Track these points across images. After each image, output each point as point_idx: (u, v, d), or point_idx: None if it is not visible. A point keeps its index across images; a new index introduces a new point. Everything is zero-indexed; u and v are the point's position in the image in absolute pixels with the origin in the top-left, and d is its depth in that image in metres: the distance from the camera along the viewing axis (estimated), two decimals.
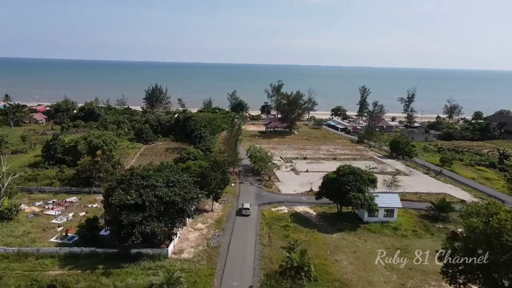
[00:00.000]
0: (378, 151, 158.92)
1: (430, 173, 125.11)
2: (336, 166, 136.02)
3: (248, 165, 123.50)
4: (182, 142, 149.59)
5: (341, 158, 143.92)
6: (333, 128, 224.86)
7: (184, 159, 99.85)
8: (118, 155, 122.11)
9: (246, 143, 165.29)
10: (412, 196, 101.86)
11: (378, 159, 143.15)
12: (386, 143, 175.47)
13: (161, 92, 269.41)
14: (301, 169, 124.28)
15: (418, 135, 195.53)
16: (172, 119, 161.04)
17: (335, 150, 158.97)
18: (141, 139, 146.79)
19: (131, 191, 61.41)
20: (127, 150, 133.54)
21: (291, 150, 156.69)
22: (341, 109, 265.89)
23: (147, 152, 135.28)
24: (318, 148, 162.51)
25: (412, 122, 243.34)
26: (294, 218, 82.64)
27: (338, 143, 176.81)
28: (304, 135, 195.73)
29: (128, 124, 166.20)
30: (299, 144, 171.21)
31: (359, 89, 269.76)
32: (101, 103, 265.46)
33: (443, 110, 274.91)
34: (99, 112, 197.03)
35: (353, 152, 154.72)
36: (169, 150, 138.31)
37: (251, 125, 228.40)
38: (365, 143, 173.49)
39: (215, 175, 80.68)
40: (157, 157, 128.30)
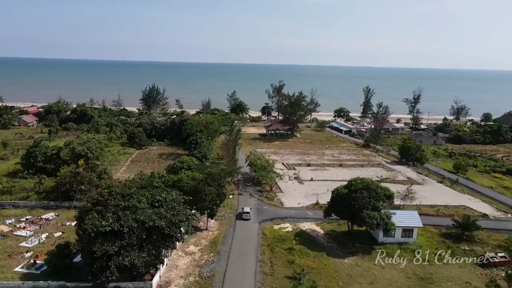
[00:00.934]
0: (386, 157, 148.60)
1: (444, 181, 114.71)
2: (342, 173, 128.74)
3: (247, 173, 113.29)
4: (178, 147, 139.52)
5: (347, 164, 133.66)
6: (337, 130, 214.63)
7: (177, 169, 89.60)
8: (107, 162, 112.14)
9: (246, 147, 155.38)
10: (429, 209, 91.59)
11: (387, 166, 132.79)
12: (393, 147, 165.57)
13: (158, 93, 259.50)
14: (305, 178, 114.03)
15: (427, 138, 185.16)
16: (167, 122, 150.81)
17: (341, 155, 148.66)
18: (134, 143, 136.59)
19: (107, 214, 51.21)
20: (117, 156, 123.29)
21: (294, 155, 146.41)
22: (344, 111, 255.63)
23: (139, 158, 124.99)
24: (322, 153, 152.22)
25: (418, 124, 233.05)
26: (300, 238, 72.23)
27: (343, 147, 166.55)
28: (306, 138, 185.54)
29: (120, 127, 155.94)
30: (302, 148, 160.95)
31: (363, 89, 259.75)
32: (96, 104, 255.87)
33: (450, 111, 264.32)
34: (92, 114, 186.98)
35: (359, 158, 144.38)
36: (163, 156, 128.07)
37: (251, 127, 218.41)
38: (371, 147, 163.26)
39: (210, 190, 70.44)
40: (149, 165, 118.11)
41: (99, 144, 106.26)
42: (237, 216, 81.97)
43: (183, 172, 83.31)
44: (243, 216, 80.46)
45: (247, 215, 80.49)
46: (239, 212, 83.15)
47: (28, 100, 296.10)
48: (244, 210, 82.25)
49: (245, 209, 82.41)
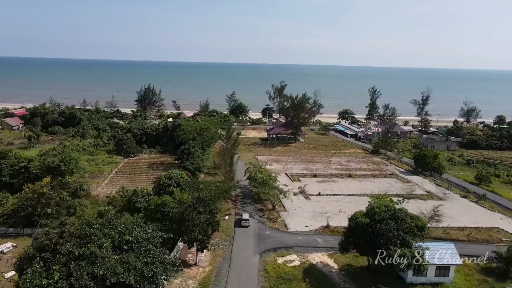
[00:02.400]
0: (398, 165, 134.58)
1: (469, 196, 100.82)
2: (353, 186, 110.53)
3: (247, 187, 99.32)
4: (171, 155, 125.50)
5: (357, 174, 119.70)
6: (341, 133, 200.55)
7: (164, 186, 75.83)
8: (88, 174, 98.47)
9: (245, 154, 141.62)
10: (458, 233, 77.75)
11: (401, 177, 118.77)
12: (405, 154, 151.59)
13: (154, 94, 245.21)
14: (312, 192, 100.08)
15: (439, 143, 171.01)
16: (159, 127, 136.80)
17: (349, 163, 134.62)
18: (122, 151, 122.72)
19: (54, 267, 37.47)
20: (101, 166, 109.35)
21: (298, 163, 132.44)
22: (349, 112, 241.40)
23: (125, 169, 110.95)
24: (328, 160, 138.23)
25: (428, 127, 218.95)
26: (310, 278, 58.33)
27: (350, 153, 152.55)
28: (310, 142, 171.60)
29: (109, 132, 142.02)
30: (306, 154, 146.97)
31: (369, 90, 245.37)
32: (89, 106, 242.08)
33: (459, 113, 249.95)
34: (81, 117, 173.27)
35: (370, 167, 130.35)
36: (153, 166, 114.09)
37: (251, 130, 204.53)
38: (381, 154, 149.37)
39: (200, 219, 56.66)
40: (136, 176, 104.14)
41: (75, 154, 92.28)
42: (235, 224, 77.86)
43: (168, 194, 69.34)
44: (242, 223, 76.96)
45: (246, 222, 77.12)
46: (238, 219, 79.42)
47: (19, 100, 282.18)
48: (243, 217, 78.58)
49: (244, 216, 78.83)
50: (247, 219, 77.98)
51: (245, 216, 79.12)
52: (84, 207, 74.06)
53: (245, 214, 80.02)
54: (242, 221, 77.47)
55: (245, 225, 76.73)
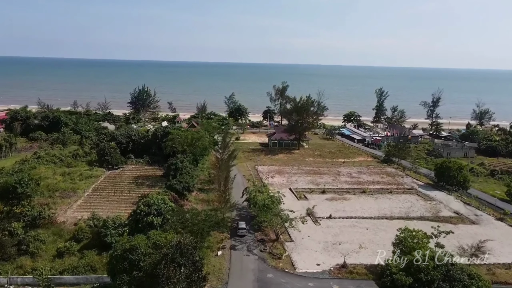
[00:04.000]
0: (415, 176, 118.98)
1: (506, 219, 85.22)
2: (368, 205, 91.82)
3: (245, 208, 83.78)
4: (160, 166, 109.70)
5: (371, 189, 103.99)
6: (348, 138, 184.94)
7: (141, 216, 60.23)
8: (58, 193, 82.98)
9: (244, 164, 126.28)
10: (506, 274, 62.09)
11: (422, 193, 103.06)
12: (420, 163, 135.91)
13: (149, 95, 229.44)
14: (322, 213, 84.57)
15: (456, 150, 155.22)
16: (148, 134, 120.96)
17: (360, 175, 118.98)
18: (104, 162, 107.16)
19: None
20: (78, 181, 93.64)
21: (303, 175, 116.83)
22: (355, 115, 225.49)
23: (105, 185, 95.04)
24: (337, 171, 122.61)
25: (439, 130, 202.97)
26: None
27: (360, 161, 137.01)
28: (315, 148, 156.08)
29: (92, 140, 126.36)
30: (311, 164, 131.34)
31: (375, 91, 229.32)
32: (80, 108, 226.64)
33: (471, 115, 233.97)
34: (66, 121, 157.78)
35: (384, 179, 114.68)
36: (138, 181, 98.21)
37: (251, 134, 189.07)
38: (394, 163, 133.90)
39: (178, 274, 41.15)
40: (116, 195, 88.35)
41: (38, 172, 76.66)
42: (231, 234, 71.64)
43: (147, 226, 53.68)
44: (238, 232, 71.95)
45: (242, 231, 72.10)
46: (233, 227, 73.35)
47: (8, 101, 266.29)
48: (240, 225, 73.15)
49: (240, 225, 73.30)
50: (244, 228, 72.52)
51: (241, 225, 73.39)
52: (40, 243, 58.65)
53: (241, 223, 74.11)
54: (238, 230, 72.24)
55: (241, 235, 71.52)
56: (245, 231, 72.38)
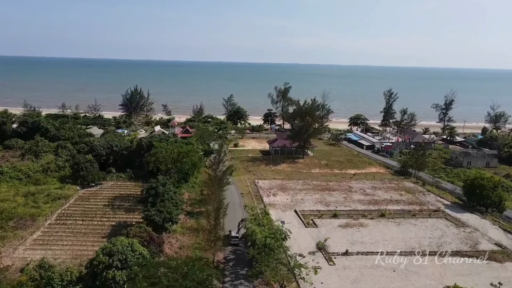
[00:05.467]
0: (439, 193, 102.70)
1: None
2: (390, 234, 75.08)
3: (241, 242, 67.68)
4: (144, 182, 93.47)
5: (391, 211, 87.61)
6: (355, 144, 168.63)
7: (100, 270, 44.16)
8: (12, 222, 66.83)
9: (242, 177, 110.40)
10: None
11: (450, 215, 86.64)
12: (440, 174, 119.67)
13: (142, 97, 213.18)
14: (335, 246, 68.35)
15: (477, 158, 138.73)
16: (132, 145, 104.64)
17: (375, 191, 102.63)
18: (79, 178, 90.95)
19: None
20: (42, 204, 77.40)
21: (310, 191, 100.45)
22: (361, 118, 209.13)
23: (75, 209, 78.25)
24: (348, 186, 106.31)
25: (453, 135, 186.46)
26: None
27: (372, 173, 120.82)
28: (321, 157, 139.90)
29: (68, 151, 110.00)
30: (318, 177, 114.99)
31: (384, 93, 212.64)
32: (68, 110, 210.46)
33: (486, 118, 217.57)
34: (47, 127, 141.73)
35: (404, 197, 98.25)
36: (116, 203, 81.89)
37: (251, 139, 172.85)
38: (411, 175, 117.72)
39: None
40: (85, 224, 71.92)
41: None
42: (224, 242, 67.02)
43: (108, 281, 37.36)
44: (231, 241, 68.32)
45: (235, 239, 68.31)
46: (226, 235, 69.44)
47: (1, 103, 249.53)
48: (232, 234, 69.17)
49: (233, 233, 69.29)
50: (237, 236, 68.17)
51: (234, 233, 69.07)
52: None
53: (234, 231, 69.53)
54: (231, 238, 68.22)
55: (234, 243, 67.73)
56: (237, 239, 67.77)
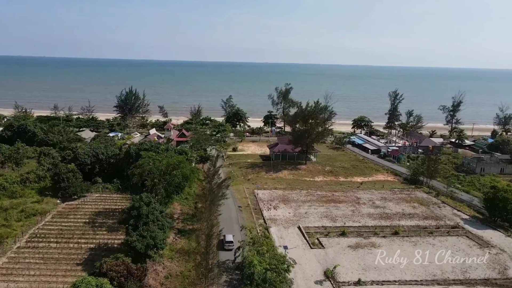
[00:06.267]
0: (456, 205, 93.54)
1: None
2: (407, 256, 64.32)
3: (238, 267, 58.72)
4: (133, 193, 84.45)
5: (405, 227, 78.43)
6: (360, 148, 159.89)
7: None
8: None
9: (240, 186, 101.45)
10: None
11: (470, 232, 77.49)
12: (453, 182, 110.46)
13: (137, 98, 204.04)
14: (346, 274, 59.21)
15: (491, 165, 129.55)
16: (120, 153, 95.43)
17: (385, 202, 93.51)
18: (60, 190, 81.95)
19: None
20: (13, 222, 68.24)
21: (314, 203, 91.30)
22: (365, 120, 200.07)
23: (49, 229, 68.55)
24: (355, 197, 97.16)
25: (462, 138, 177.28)
26: None
27: (380, 181, 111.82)
28: (325, 162, 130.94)
29: (52, 158, 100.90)
30: (323, 186, 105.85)
31: (389, 94, 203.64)
32: (61, 112, 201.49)
33: (494, 120, 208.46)
34: (34, 131, 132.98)
35: (417, 210, 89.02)
36: (98, 219, 72.75)
37: (250, 143, 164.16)
38: (423, 183, 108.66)
39: None
40: (59, 247, 62.78)
41: None
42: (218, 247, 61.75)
43: None
44: (225, 246, 64.60)
45: (230, 245, 64.82)
46: (220, 240, 64.60)
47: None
48: (227, 239, 65.88)
49: (227, 238, 66.11)
50: (231, 241, 65.44)
51: (228, 237, 66.37)
52: None
53: (228, 236, 66.97)
54: (225, 244, 65.23)
55: (228, 249, 64.62)
56: (232, 244, 64.80)
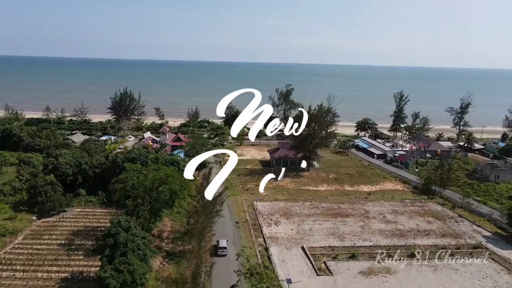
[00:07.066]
0: (473, 218, 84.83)
1: None
2: (425, 283, 56.30)
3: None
4: (119, 208, 75.71)
5: (421, 247, 69.60)
6: (365, 152, 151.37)
7: None
8: None
9: (238, 197, 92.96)
10: None
11: (495, 252, 68.71)
12: (469, 192, 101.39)
13: (132, 100, 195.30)
14: None
15: (506, 171, 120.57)
16: (106, 162, 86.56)
17: (396, 216, 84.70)
18: (37, 204, 73.27)
19: None
20: None
21: (319, 217, 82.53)
22: (370, 123, 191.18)
23: (18, 253, 59.29)
24: (363, 210, 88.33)
25: (472, 142, 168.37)
26: None
27: (389, 191, 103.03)
28: (329, 169, 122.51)
29: (33, 167, 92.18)
30: (328, 196, 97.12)
31: (394, 95, 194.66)
32: (53, 114, 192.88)
33: (504, 123, 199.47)
34: (20, 135, 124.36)
35: (432, 226, 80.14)
36: (77, 241, 64.12)
37: (250, 146, 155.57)
38: (435, 193, 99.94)
39: None
40: (25, 277, 53.92)
41: None
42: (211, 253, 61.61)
43: None
44: (218, 252, 62.12)
45: (223, 250, 62.39)
46: (214, 245, 63.41)
47: None
48: (220, 244, 63.22)
49: (221, 243, 63.38)
50: (225, 247, 63.78)
51: (222, 243, 64.57)
52: None
53: (222, 241, 65.12)
54: (219, 249, 63.31)
55: (222, 254, 62.70)
56: (226, 250, 62.98)
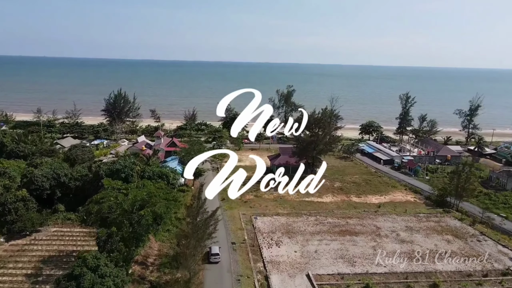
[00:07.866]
0: (495, 236, 75.78)
1: None
2: None
3: None
4: (101, 226, 66.64)
5: (444, 275, 60.54)
6: (370, 157, 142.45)
7: None
8: None
9: (235, 211, 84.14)
10: None
11: None
12: (487, 205, 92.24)
13: (127, 102, 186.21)
14: None
15: None
16: (88, 174, 77.41)
17: (411, 234, 75.51)
18: (6, 224, 64.24)
19: None
20: None
21: (325, 236, 73.40)
22: (375, 126, 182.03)
23: None
24: (374, 226, 79.19)
25: (482, 146, 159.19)
26: None
27: (401, 202, 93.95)
28: (333, 177, 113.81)
29: (8, 179, 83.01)
30: (334, 210, 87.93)
31: (400, 97, 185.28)
32: (44, 116, 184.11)
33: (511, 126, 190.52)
34: (3, 141, 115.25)
35: (453, 246, 70.92)
36: (46, 269, 55.15)
37: (249, 151, 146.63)
38: (452, 206, 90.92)
39: None
40: None
41: None
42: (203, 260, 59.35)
43: None
44: (211, 259, 60.07)
45: (216, 257, 60.42)
46: (206, 252, 59.96)
47: None
48: (213, 251, 60.72)
49: (213, 250, 60.86)
50: (217, 253, 60.63)
51: (214, 250, 60.91)
52: None
53: (214, 248, 61.14)
54: (211, 256, 60.07)
55: (214, 261, 59.81)
56: (218, 257, 61.09)
